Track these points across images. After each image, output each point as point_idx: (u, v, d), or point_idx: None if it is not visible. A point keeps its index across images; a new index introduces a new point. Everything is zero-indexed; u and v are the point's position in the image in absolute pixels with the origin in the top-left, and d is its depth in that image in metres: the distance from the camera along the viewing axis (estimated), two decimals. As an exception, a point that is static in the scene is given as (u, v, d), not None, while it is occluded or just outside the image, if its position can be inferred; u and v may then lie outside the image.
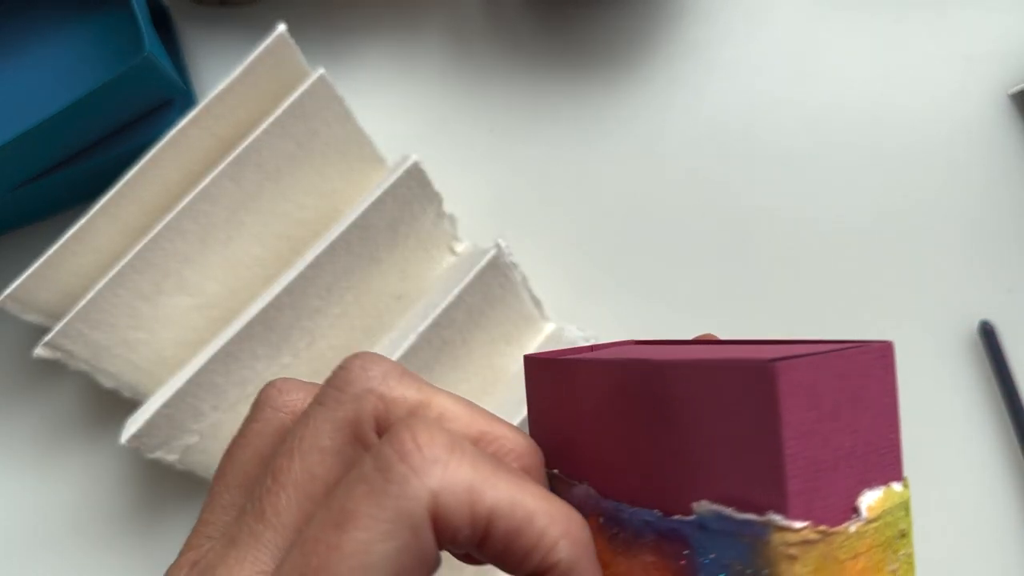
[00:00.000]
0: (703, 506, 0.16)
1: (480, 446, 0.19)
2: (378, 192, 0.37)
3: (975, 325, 0.41)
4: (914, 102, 0.44)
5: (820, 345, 0.18)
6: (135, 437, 0.35)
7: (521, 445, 0.19)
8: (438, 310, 0.36)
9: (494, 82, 0.45)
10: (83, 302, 0.36)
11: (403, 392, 0.19)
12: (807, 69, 0.44)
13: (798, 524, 0.15)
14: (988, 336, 0.40)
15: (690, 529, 0.16)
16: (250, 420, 0.22)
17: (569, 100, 0.45)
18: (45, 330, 0.37)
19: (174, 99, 0.42)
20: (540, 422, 0.20)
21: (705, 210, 0.43)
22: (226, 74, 0.37)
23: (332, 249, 0.36)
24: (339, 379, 0.19)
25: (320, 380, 0.40)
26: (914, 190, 0.43)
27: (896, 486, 0.16)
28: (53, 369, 0.42)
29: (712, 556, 0.16)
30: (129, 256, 0.36)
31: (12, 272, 0.38)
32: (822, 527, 0.15)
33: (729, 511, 0.15)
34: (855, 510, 0.16)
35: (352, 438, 0.18)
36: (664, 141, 0.44)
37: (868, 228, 0.43)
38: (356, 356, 0.19)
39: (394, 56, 0.45)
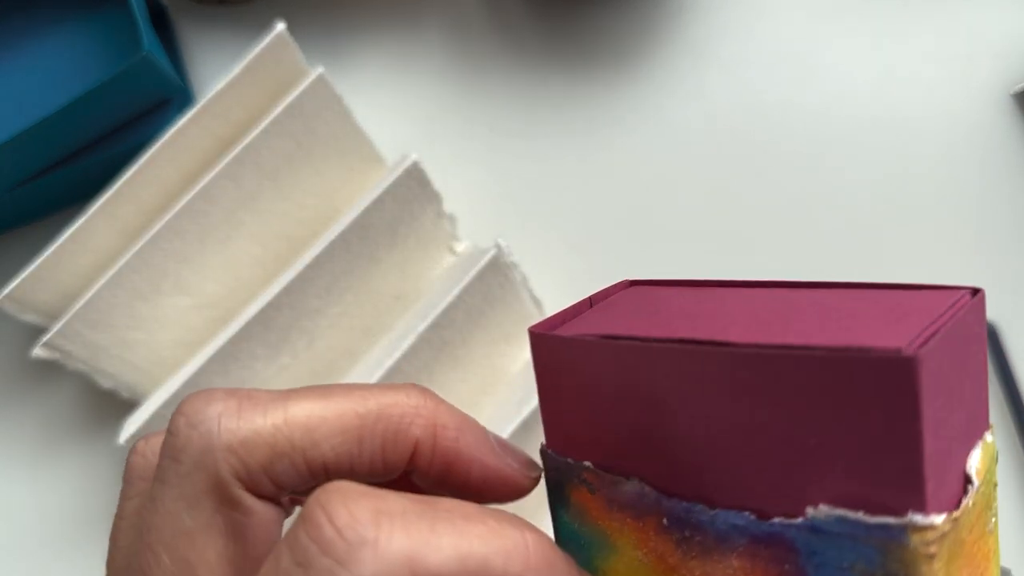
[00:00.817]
0: (822, 511, 0.14)
1: (367, 433, 0.17)
2: (377, 192, 0.37)
3: (977, 325, 0.41)
4: (916, 101, 0.44)
5: (893, 296, 0.16)
6: (133, 437, 0.35)
7: (421, 405, 0.17)
8: (438, 310, 0.36)
9: (494, 81, 0.45)
10: (81, 302, 0.36)
11: (249, 426, 0.16)
12: (808, 68, 0.44)
13: (938, 520, 0.14)
14: (991, 336, 0.40)
15: (798, 533, 0.15)
16: (123, 497, 0.18)
17: (569, 99, 0.44)
18: (43, 330, 0.37)
19: (172, 98, 0.42)
20: (560, 409, 0.18)
21: (706, 209, 0.43)
22: (225, 73, 0.37)
23: (331, 249, 0.36)
24: (171, 447, 0.16)
25: (320, 381, 0.40)
26: (916, 189, 0.43)
27: (988, 436, 0.15)
28: (51, 369, 0.42)
29: (826, 559, 0.15)
30: (127, 256, 0.36)
31: (10, 272, 0.38)
32: (954, 514, 0.14)
33: (858, 515, 0.14)
34: (968, 480, 0.15)
35: (218, 505, 0.16)
36: (664, 140, 0.44)
37: (869, 227, 0.42)
38: (180, 412, 0.16)
39: (394, 56, 0.45)
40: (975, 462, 0.15)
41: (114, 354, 0.37)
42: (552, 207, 0.43)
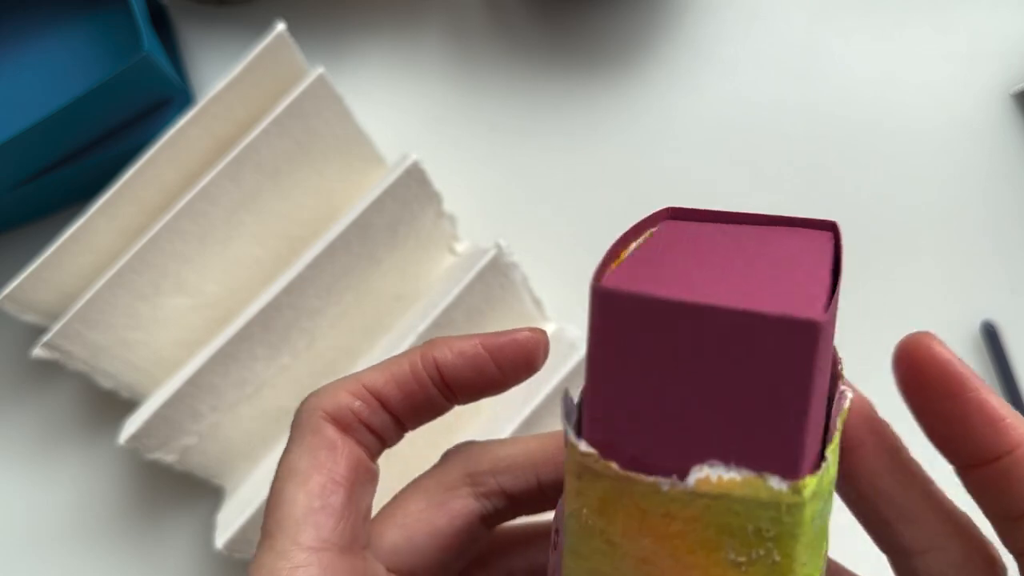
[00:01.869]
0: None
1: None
2: (378, 192, 0.37)
3: (977, 325, 0.41)
4: (916, 101, 0.44)
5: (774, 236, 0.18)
6: (134, 438, 0.35)
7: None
8: (438, 310, 0.36)
9: (494, 82, 0.45)
10: (81, 302, 0.36)
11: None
12: (808, 69, 0.44)
13: (583, 447, 0.16)
14: (990, 336, 0.40)
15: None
16: None
17: (569, 99, 0.44)
18: (43, 330, 0.37)
19: (172, 98, 0.42)
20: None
21: (706, 207, 0.43)
22: (225, 73, 0.37)
23: (331, 249, 0.36)
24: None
25: (319, 381, 0.41)
26: (916, 189, 0.43)
27: (773, 481, 0.15)
28: (51, 369, 0.42)
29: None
30: (127, 256, 0.36)
31: (10, 272, 0.38)
32: (612, 464, 0.15)
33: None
34: (681, 476, 0.15)
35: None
36: (665, 140, 0.44)
37: (870, 227, 0.42)
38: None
39: (394, 55, 0.45)
40: (707, 474, 0.15)
41: (114, 354, 0.37)
42: (552, 207, 0.43)
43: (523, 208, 0.43)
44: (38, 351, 0.36)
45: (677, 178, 0.43)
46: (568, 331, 0.39)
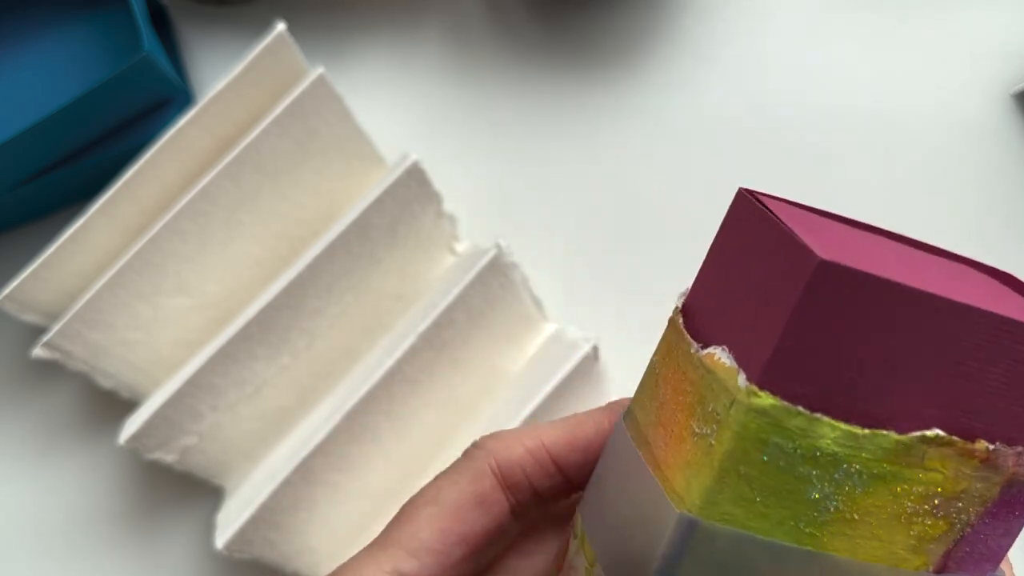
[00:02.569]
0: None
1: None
2: (378, 192, 0.37)
3: (977, 325, 0.41)
4: (917, 101, 0.44)
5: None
6: (134, 438, 0.35)
7: None
8: (438, 310, 0.36)
9: (494, 82, 0.45)
10: (81, 302, 0.36)
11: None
12: (809, 69, 0.44)
13: (678, 302, 0.21)
14: (990, 336, 0.40)
15: None
16: None
17: (570, 99, 0.44)
18: (43, 330, 0.37)
19: (172, 98, 0.42)
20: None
21: (707, 209, 0.43)
22: (225, 73, 0.37)
23: (331, 249, 0.36)
24: None
25: (319, 381, 0.41)
26: (917, 189, 0.43)
27: (740, 377, 0.17)
28: (51, 369, 0.42)
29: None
30: (127, 256, 0.36)
31: (10, 272, 0.38)
32: (679, 319, 0.20)
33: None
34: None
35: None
36: (665, 140, 0.44)
37: (870, 228, 0.42)
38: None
39: (394, 55, 0.45)
40: (720, 356, 0.18)
41: (114, 354, 0.37)
42: (552, 207, 0.43)
43: (523, 208, 0.43)
44: (38, 351, 0.36)
45: (677, 178, 0.43)
46: (568, 331, 0.39)
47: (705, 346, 0.19)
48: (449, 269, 0.40)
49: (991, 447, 0.18)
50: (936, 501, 0.18)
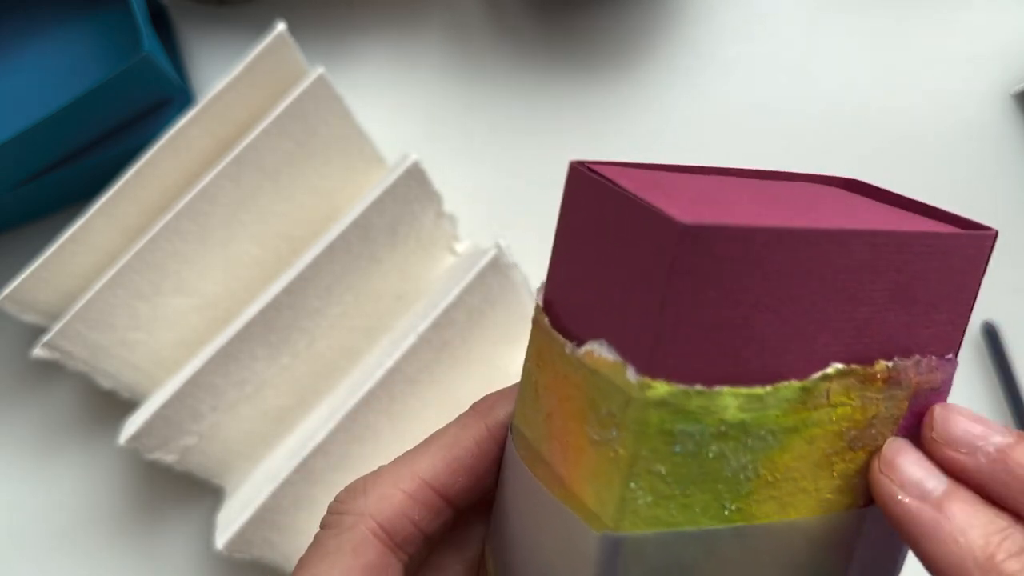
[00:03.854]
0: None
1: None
2: (378, 192, 0.37)
3: (978, 325, 0.41)
4: (916, 101, 0.44)
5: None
6: (134, 438, 0.35)
7: None
8: (438, 310, 0.36)
9: (494, 82, 0.45)
10: (81, 302, 0.36)
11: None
12: (809, 69, 0.44)
13: (536, 299, 0.19)
14: (991, 336, 0.40)
15: None
16: None
17: (569, 99, 0.44)
18: (43, 330, 0.37)
19: (173, 98, 0.42)
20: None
21: (706, 210, 0.43)
22: (225, 73, 0.37)
23: (332, 249, 0.36)
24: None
25: (319, 381, 0.41)
26: (917, 190, 0.43)
27: (629, 371, 0.16)
28: (51, 370, 0.42)
29: None
30: (127, 256, 0.36)
31: (10, 272, 0.38)
32: (545, 318, 0.18)
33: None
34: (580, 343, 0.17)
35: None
36: (665, 140, 0.44)
37: (870, 228, 0.42)
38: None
39: (394, 56, 0.45)
40: (593, 349, 0.17)
41: (114, 354, 0.37)
42: (553, 207, 0.43)
43: (523, 208, 0.43)
44: (38, 351, 0.36)
45: (677, 178, 0.43)
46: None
47: (580, 343, 0.17)
48: (449, 269, 0.40)
49: (890, 364, 0.17)
50: (852, 434, 0.18)
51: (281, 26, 0.37)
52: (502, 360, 0.39)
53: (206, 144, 0.38)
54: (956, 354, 0.19)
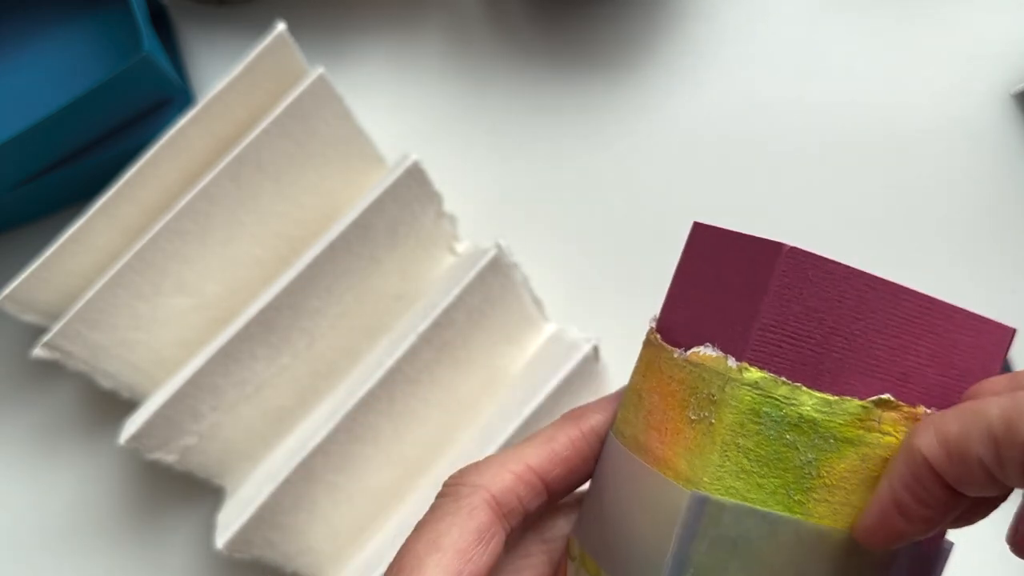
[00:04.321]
0: None
1: None
2: (378, 192, 0.37)
3: (977, 325, 0.41)
4: (917, 101, 0.44)
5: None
6: (134, 438, 0.35)
7: None
8: (438, 310, 0.36)
9: (494, 82, 0.45)
10: (82, 302, 0.36)
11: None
12: (809, 69, 0.44)
13: (650, 324, 0.23)
14: (990, 336, 0.40)
15: None
16: None
17: (569, 99, 0.44)
18: (43, 330, 0.37)
19: (173, 98, 0.42)
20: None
21: (706, 209, 0.43)
22: (225, 73, 0.37)
23: (332, 249, 0.36)
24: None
25: (319, 381, 0.41)
26: (916, 189, 0.43)
27: (730, 360, 0.19)
28: (51, 369, 0.42)
29: None
30: (128, 256, 0.36)
31: (10, 272, 0.38)
32: (656, 335, 0.22)
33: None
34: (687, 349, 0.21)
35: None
36: (665, 140, 0.44)
37: (870, 228, 0.42)
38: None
39: (394, 56, 0.45)
40: (700, 350, 0.20)
41: (114, 354, 0.37)
42: (552, 207, 0.43)
43: (523, 208, 0.43)
44: (38, 351, 0.36)
45: (677, 177, 0.43)
46: (568, 332, 0.39)
47: (687, 349, 0.21)
48: (449, 269, 0.40)
49: (928, 411, 0.20)
50: None
51: (281, 26, 0.37)
52: (502, 360, 0.39)
53: (206, 144, 0.38)
54: None
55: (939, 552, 0.22)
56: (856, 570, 0.20)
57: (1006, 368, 0.41)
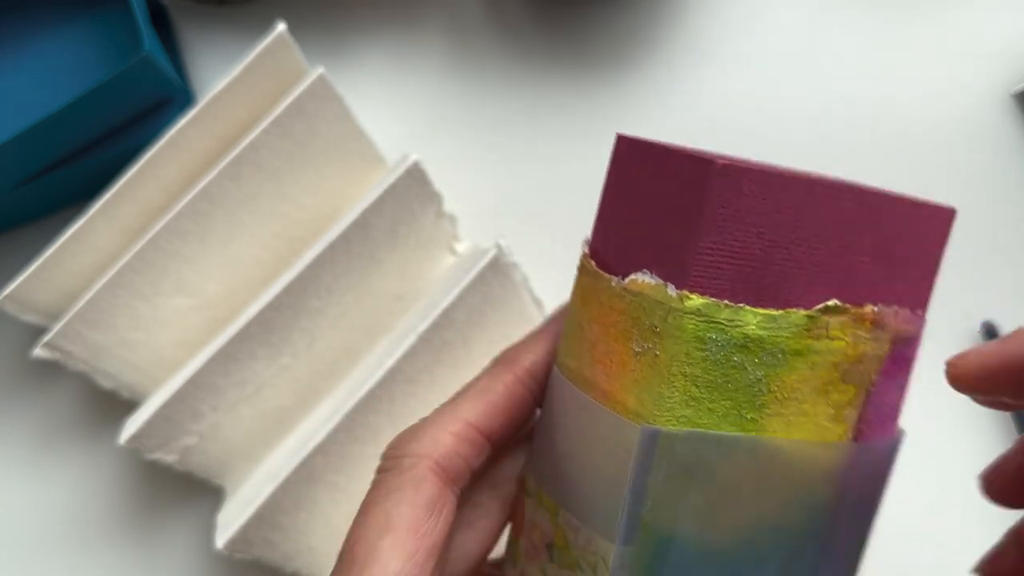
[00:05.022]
0: None
1: None
2: (378, 192, 0.37)
3: (977, 325, 0.41)
4: (917, 101, 0.44)
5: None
6: (134, 438, 0.35)
7: None
8: (438, 310, 0.36)
9: (494, 82, 0.45)
10: (82, 302, 0.36)
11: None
12: (809, 67, 0.44)
13: (583, 250, 0.22)
14: (991, 336, 0.40)
15: None
16: None
17: (570, 98, 0.44)
18: (43, 330, 0.37)
19: (173, 98, 0.42)
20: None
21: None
22: (225, 73, 0.37)
23: (332, 249, 0.36)
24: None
25: (319, 381, 0.41)
26: (916, 189, 0.43)
27: (669, 288, 0.19)
28: (51, 370, 0.42)
29: None
30: (128, 256, 0.36)
31: (10, 272, 0.38)
32: (592, 262, 0.21)
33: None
34: (623, 277, 0.20)
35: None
36: (665, 139, 0.44)
37: (870, 228, 0.42)
38: None
39: (394, 56, 0.45)
40: (637, 278, 0.20)
41: (114, 354, 0.37)
42: (553, 207, 0.43)
43: (523, 208, 0.43)
44: (38, 351, 0.36)
45: (677, 178, 0.43)
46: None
47: (624, 276, 0.20)
48: (449, 269, 0.40)
49: (876, 308, 0.20)
50: (844, 368, 0.20)
51: (281, 26, 0.37)
52: (502, 360, 0.39)
53: (206, 144, 0.38)
54: (925, 312, 0.23)
55: (892, 444, 0.22)
56: (814, 476, 0.20)
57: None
